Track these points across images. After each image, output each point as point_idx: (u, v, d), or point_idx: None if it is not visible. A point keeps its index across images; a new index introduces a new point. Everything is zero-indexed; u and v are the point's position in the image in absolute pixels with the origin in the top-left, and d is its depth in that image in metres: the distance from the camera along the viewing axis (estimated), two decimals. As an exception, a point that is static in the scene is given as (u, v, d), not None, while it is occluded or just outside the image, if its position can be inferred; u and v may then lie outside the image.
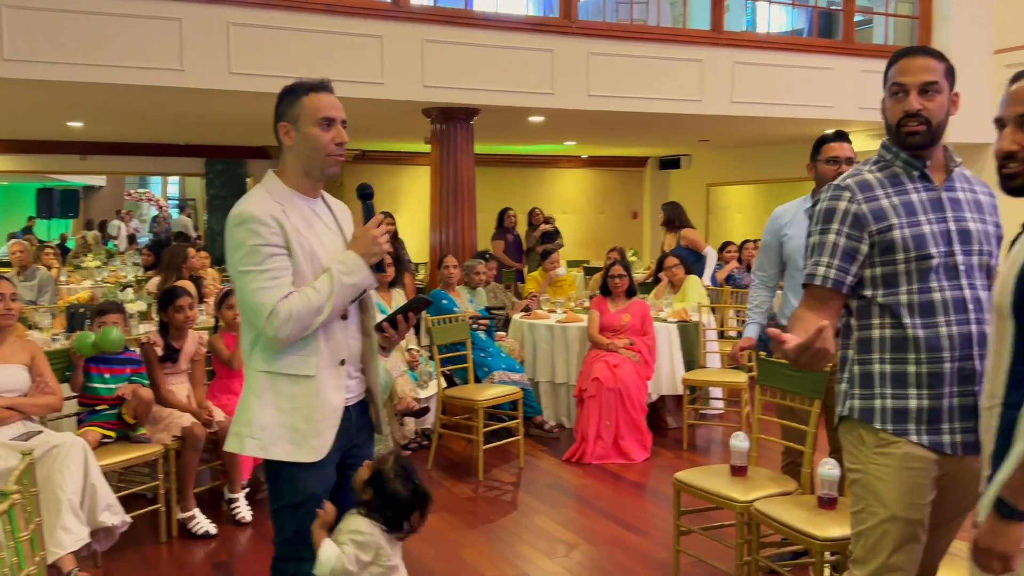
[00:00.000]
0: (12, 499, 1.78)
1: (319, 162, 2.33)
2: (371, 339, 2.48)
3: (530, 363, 6.52)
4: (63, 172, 12.79)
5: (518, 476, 5.32)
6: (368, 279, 2.34)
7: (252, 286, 2.22)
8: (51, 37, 6.27)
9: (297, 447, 2.29)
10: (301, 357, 2.30)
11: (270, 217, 2.24)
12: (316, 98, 2.33)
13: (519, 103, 8.01)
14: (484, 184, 13.75)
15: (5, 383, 3.63)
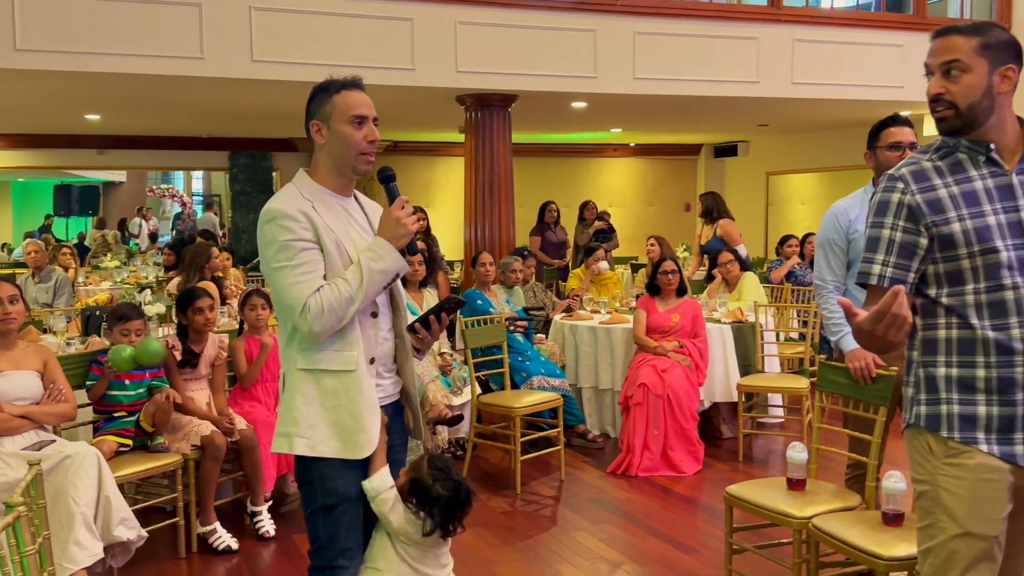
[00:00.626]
0: (17, 511, 1.82)
1: (351, 160, 2.45)
2: (404, 340, 2.57)
3: (572, 368, 6.51)
4: (80, 167, 13.10)
5: (558, 489, 5.31)
6: (398, 262, 2.42)
7: (285, 281, 2.34)
8: (64, 25, 6.41)
9: (345, 444, 2.39)
10: (340, 352, 2.40)
11: (300, 213, 2.36)
12: (348, 96, 2.44)
13: (560, 88, 8.01)
14: (522, 176, 13.78)
15: (16, 390, 3.72)
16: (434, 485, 2.49)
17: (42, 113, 9.59)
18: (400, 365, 2.58)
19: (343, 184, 2.50)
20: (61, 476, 3.47)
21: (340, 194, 2.50)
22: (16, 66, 6.39)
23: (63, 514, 3.41)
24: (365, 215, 2.57)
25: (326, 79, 2.52)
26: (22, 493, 2.01)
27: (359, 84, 2.49)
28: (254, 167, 12.73)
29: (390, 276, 2.41)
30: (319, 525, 2.46)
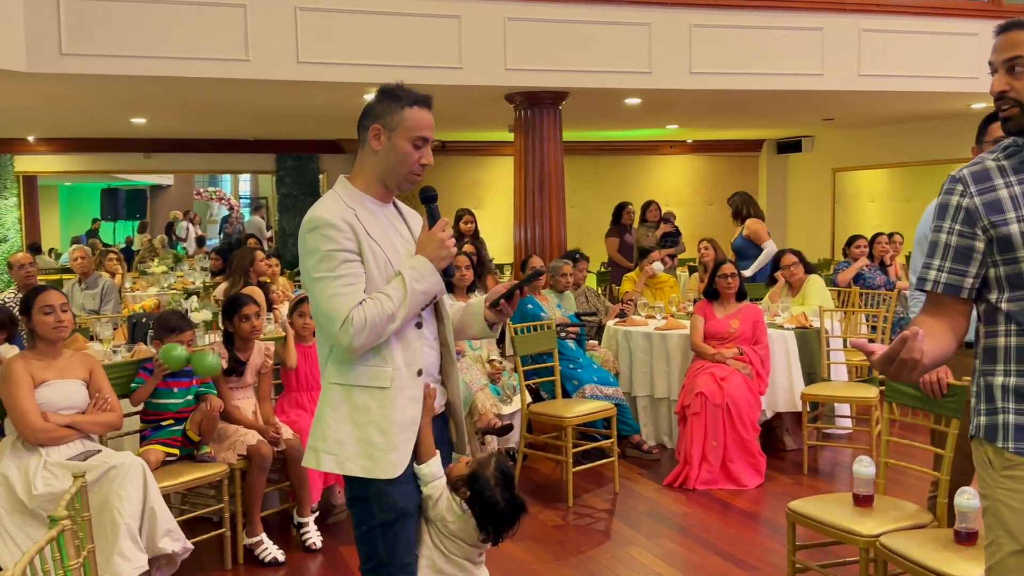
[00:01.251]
0: (61, 525, 1.87)
1: (400, 177, 2.48)
2: (449, 349, 2.61)
3: (626, 376, 6.48)
4: (127, 171, 13.42)
5: (612, 502, 5.30)
6: (438, 285, 2.47)
7: (326, 292, 2.36)
8: (109, 29, 6.59)
9: (374, 463, 2.41)
10: (375, 368, 2.43)
11: (343, 222, 2.38)
12: (419, 114, 2.45)
13: (613, 84, 8.00)
14: (574, 175, 13.81)
15: (62, 400, 3.82)
16: (494, 488, 2.51)
17: (88, 117, 9.85)
18: (445, 375, 2.61)
19: (385, 193, 2.53)
20: (106, 487, 3.57)
21: (381, 201, 2.52)
22: (62, 71, 6.58)
23: (108, 525, 3.50)
24: (405, 223, 2.60)
25: (397, 84, 2.51)
26: (67, 505, 2.06)
27: (430, 104, 2.50)
28: (301, 169, 12.91)
29: (429, 298, 2.46)
30: (377, 542, 2.46)
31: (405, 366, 2.45)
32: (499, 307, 2.57)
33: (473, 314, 2.63)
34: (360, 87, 7.71)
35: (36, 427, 3.67)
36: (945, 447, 3.32)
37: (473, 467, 2.54)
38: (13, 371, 3.72)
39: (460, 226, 8.71)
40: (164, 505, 3.71)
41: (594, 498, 5.36)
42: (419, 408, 2.47)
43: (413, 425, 2.45)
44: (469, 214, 8.77)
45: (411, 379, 2.46)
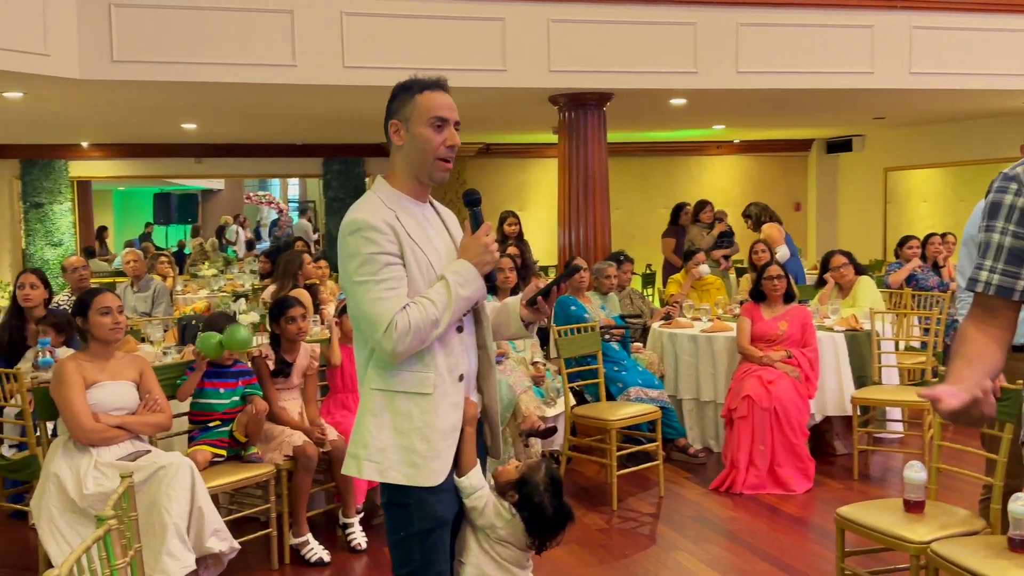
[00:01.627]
0: (108, 524, 1.90)
1: (428, 165, 2.41)
2: (488, 353, 2.57)
3: (672, 378, 6.43)
4: (178, 176, 13.67)
5: (657, 506, 5.26)
6: (481, 290, 2.43)
7: (369, 296, 2.31)
8: (159, 36, 6.71)
9: (416, 470, 2.36)
10: (417, 373, 2.38)
11: (385, 224, 2.33)
12: (430, 97, 2.40)
13: (657, 85, 7.96)
14: (619, 177, 13.74)
15: (113, 401, 3.89)
16: (543, 493, 2.50)
17: (140, 123, 10.04)
18: (482, 379, 2.57)
19: (421, 190, 2.48)
20: (155, 487, 3.62)
21: (418, 200, 2.48)
22: (113, 77, 6.72)
23: (156, 525, 3.55)
24: (443, 223, 2.55)
25: (410, 78, 2.49)
26: (114, 505, 2.10)
27: (443, 85, 2.46)
28: (347, 173, 13.03)
29: (472, 303, 2.42)
30: (414, 549, 2.43)
31: (447, 371, 2.41)
32: (536, 305, 2.51)
33: (510, 313, 2.57)
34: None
35: (87, 427, 3.74)
36: (998, 452, 3.24)
37: (523, 471, 2.53)
38: (65, 372, 3.80)
39: (504, 228, 8.72)
40: (212, 505, 3.76)
41: (639, 502, 5.33)
42: (460, 414, 2.43)
43: (455, 431, 2.41)
44: (513, 216, 8.78)
45: (453, 384, 2.42)
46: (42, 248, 12.36)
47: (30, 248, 12.32)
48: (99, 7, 6.61)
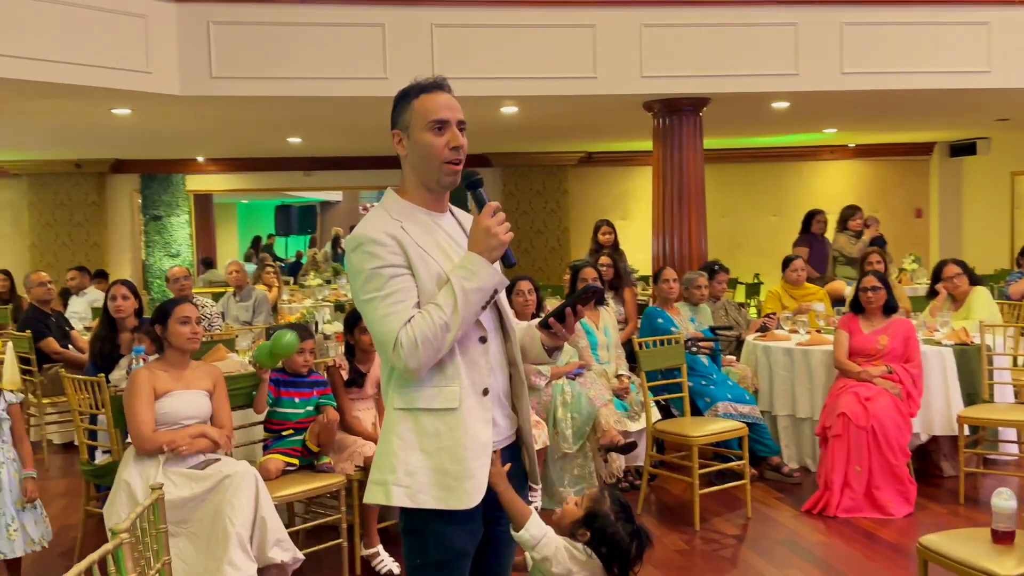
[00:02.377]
0: (119, 539, 1.89)
1: (434, 171, 2.29)
2: (519, 370, 2.41)
3: (766, 393, 6.17)
4: (288, 189, 14.04)
5: (744, 528, 5.03)
6: (494, 277, 2.24)
7: (376, 314, 2.21)
8: (255, 52, 6.89)
9: (449, 492, 2.22)
10: (440, 388, 2.25)
11: (387, 236, 2.22)
12: (428, 99, 2.29)
13: (757, 88, 7.71)
14: (725, 183, 13.44)
15: (185, 410, 3.96)
16: (616, 523, 2.36)
17: (249, 137, 10.36)
18: (515, 397, 2.41)
19: (434, 199, 2.35)
20: (220, 496, 3.66)
21: (433, 210, 2.35)
22: (211, 93, 6.92)
23: (219, 534, 3.59)
24: (463, 231, 2.40)
25: (409, 84, 2.36)
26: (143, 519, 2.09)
27: (442, 85, 2.33)
28: (452, 184, 13.11)
29: (487, 294, 2.23)
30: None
31: (471, 385, 2.27)
32: (551, 328, 2.34)
33: (532, 336, 2.41)
34: (497, 100, 7.74)
35: (144, 437, 3.81)
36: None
37: (588, 506, 2.39)
38: (135, 381, 3.89)
39: (599, 237, 8.59)
40: (275, 515, 3.77)
41: (724, 522, 5.11)
42: (490, 431, 2.29)
43: (486, 449, 2.27)
44: (607, 225, 8.64)
45: (477, 399, 2.27)
46: (160, 259, 12.89)
47: (149, 259, 12.87)
48: (198, 25, 6.83)
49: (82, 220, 12.79)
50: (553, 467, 5.32)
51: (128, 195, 13.04)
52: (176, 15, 6.84)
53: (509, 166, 13.08)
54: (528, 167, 13.09)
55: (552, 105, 7.92)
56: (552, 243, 13.24)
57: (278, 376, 4.46)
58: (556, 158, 13.02)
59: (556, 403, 5.32)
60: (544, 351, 2.40)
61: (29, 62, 6.22)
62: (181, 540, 3.68)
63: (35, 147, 11.09)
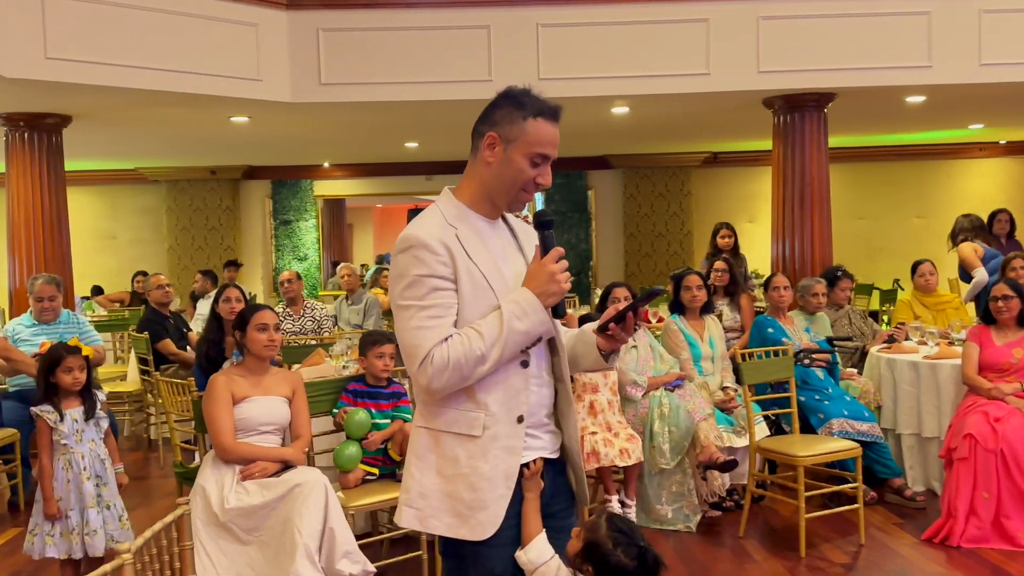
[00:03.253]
0: (120, 559, 1.83)
1: (510, 195, 2.23)
2: (565, 385, 2.30)
3: (890, 410, 5.74)
4: (410, 193, 14.14)
5: (854, 556, 4.65)
6: (543, 325, 2.15)
7: (411, 324, 2.12)
8: (362, 58, 6.93)
9: (460, 521, 2.15)
10: (466, 413, 2.16)
11: (440, 243, 2.14)
12: (543, 127, 2.19)
13: (887, 81, 7.24)
14: (862, 184, 12.74)
15: (263, 416, 3.95)
16: (615, 551, 2.18)
17: (368, 143, 10.50)
18: (561, 414, 2.30)
19: (492, 210, 2.28)
20: (289, 505, 3.62)
21: (489, 217, 2.27)
22: (320, 99, 7.01)
23: (288, 543, 3.54)
24: (516, 240, 2.32)
25: (523, 89, 2.24)
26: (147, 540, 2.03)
27: (558, 116, 2.22)
28: (569, 187, 12.96)
29: (532, 339, 2.14)
30: None
31: (503, 411, 2.15)
32: (609, 332, 2.20)
33: (587, 343, 2.28)
34: (607, 100, 7.54)
35: (225, 445, 3.82)
36: None
37: (584, 536, 2.22)
38: (214, 387, 3.90)
39: (718, 241, 8.26)
40: (345, 526, 3.70)
41: (833, 549, 4.74)
42: (516, 461, 2.17)
43: (508, 480, 2.15)
44: (727, 228, 8.29)
45: (509, 426, 2.16)
46: (289, 262, 13.24)
47: (279, 263, 13.25)
48: (308, 32, 6.92)
49: (216, 224, 13.28)
50: (650, 483, 5.08)
51: (260, 200, 13.46)
52: (287, 23, 6.96)
53: (630, 168, 12.80)
54: (650, 168, 12.77)
55: (665, 104, 7.65)
56: (674, 247, 12.88)
57: (356, 387, 4.41)
58: (679, 159, 12.66)
59: (653, 416, 5.08)
60: (601, 356, 2.28)
61: (148, 72, 6.44)
62: (252, 548, 3.67)
63: (172, 155, 11.58)
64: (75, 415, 3.98)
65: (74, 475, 3.90)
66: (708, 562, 4.59)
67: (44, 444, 3.93)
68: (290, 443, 4.07)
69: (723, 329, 6.61)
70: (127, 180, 13.20)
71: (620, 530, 2.20)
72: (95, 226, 13.21)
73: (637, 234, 12.87)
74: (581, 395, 4.83)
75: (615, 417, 4.87)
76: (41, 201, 7.36)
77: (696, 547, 4.80)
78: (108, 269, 12.87)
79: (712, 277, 6.82)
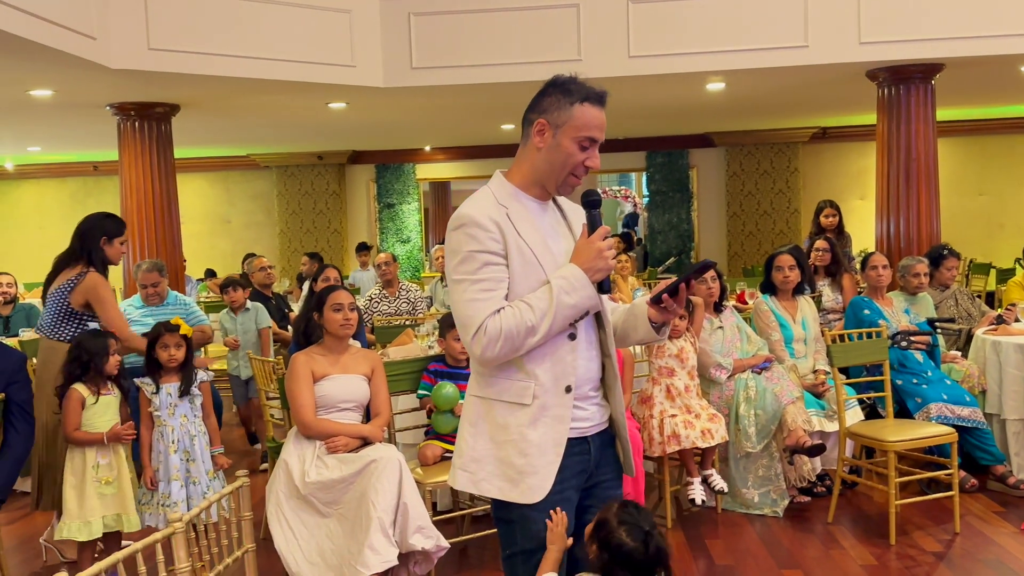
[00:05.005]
0: (172, 528, 1.93)
1: (559, 178, 2.31)
2: (612, 360, 2.38)
3: (995, 394, 5.48)
4: (510, 175, 14.27)
5: (948, 544, 4.48)
6: (591, 300, 2.23)
7: (464, 296, 2.23)
8: (452, 41, 7.00)
9: (512, 485, 2.27)
10: (517, 382, 2.27)
11: (491, 221, 2.24)
12: (589, 112, 2.27)
13: (1000, 50, 6.88)
14: (982, 158, 12.13)
15: (342, 393, 4.06)
16: (619, 528, 2.21)
17: (464, 126, 10.60)
18: (608, 389, 2.38)
19: (542, 193, 2.35)
20: (365, 480, 3.72)
21: (539, 199, 2.35)
22: (412, 83, 7.10)
23: (363, 518, 3.65)
24: (565, 220, 2.40)
25: (570, 77, 2.34)
26: (203, 510, 2.13)
27: (603, 100, 2.30)
28: (671, 166, 12.79)
29: (579, 312, 2.22)
30: (519, 570, 2.35)
31: (552, 381, 2.25)
32: (663, 304, 2.27)
33: (638, 315, 2.36)
34: (700, 76, 7.41)
35: (306, 421, 3.94)
36: None
37: (599, 514, 2.27)
38: (295, 366, 4.03)
39: (821, 220, 8.00)
40: (419, 501, 3.78)
41: (926, 537, 4.58)
42: (566, 428, 2.26)
43: (557, 447, 2.25)
44: (831, 207, 8.01)
45: (557, 396, 2.25)
46: (393, 245, 13.52)
47: (383, 245, 13.54)
48: (399, 17, 7.03)
49: (324, 208, 13.66)
50: (736, 467, 5.01)
51: (365, 184, 13.78)
52: (379, 8, 7.08)
53: (734, 145, 12.54)
54: (754, 145, 12.49)
55: (762, 79, 7.45)
56: (780, 225, 12.57)
57: (437, 367, 4.49)
58: (785, 135, 12.33)
59: (739, 399, 4.99)
60: (652, 329, 2.35)
61: (245, 60, 6.67)
62: (331, 521, 3.78)
63: (280, 141, 11.96)
64: (170, 389, 4.17)
65: (164, 447, 4.10)
66: (793, 548, 4.50)
67: (144, 415, 4.15)
68: (370, 421, 4.17)
69: (824, 311, 6.44)
70: (240, 166, 13.72)
71: (628, 512, 2.24)
72: (211, 210, 13.78)
73: (740, 213, 12.62)
74: (657, 379, 4.79)
75: (695, 400, 4.80)
76: (152, 188, 7.72)
77: (782, 532, 4.71)
78: (223, 252, 13.42)
79: (813, 257, 6.64)
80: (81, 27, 5.90)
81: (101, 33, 6.12)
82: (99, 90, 7.10)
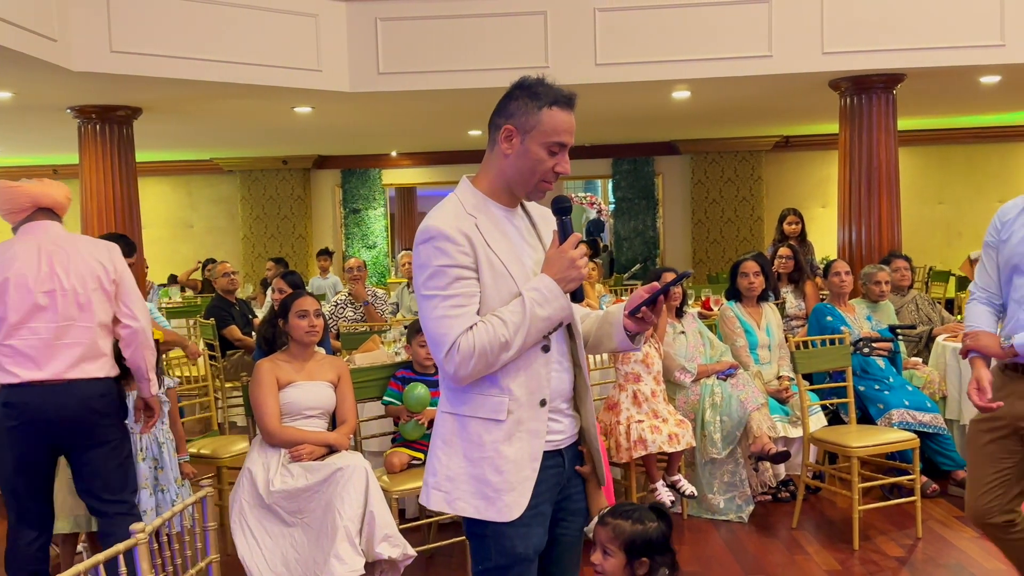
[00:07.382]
0: (135, 539, 1.89)
1: (529, 185, 2.25)
2: (583, 371, 2.35)
3: (955, 400, 5.57)
4: (477, 181, 14.28)
5: (910, 549, 4.54)
6: (564, 311, 2.19)
7: (435, 313, 2.17)
8: (419, 47, 6.98)
9: (488, 503, 2.21)
10: (490, 398, 2.21)
11: (460, 234, 2.18)
12: (558, 116, 2.21)
13: (960, 61, 6.99)
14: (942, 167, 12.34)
15: (307, 400, 4.03)
16: (647, 527, 2.30)
17: (431, 132, 10.58)
18: (578, 399, 2.35)
19: (511, 199, 2.30)
20: (331, 489, 3.69)
21: (507, 205, 2.30)
22: (378, 89, 7.07)
23: (329, 526, 3.61)
24: (533, 226, 2.35)
25: (537, 79, 2.28)
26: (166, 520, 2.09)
27: (572, 104, 2.25)
28: (636, 173, 12.85)
29: (553, 324, 2.19)
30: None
31: (527, 396, 2.21)
32: (640, 315, 2.24)
33: (612, 324, 2.31)
34: (667, 85, 7.45)
35: (270, 429, 3.90)
36: None
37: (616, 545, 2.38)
38: (260, 373, 3.99)
39: (784, 227, 8.10)
40: (386, 510, 3.75)
41: (889, 542, 4.63)
42: (541, 442, 2.23)
43: (533, 462, 2.22)
44: (794, 214, 8.12)
45: (532, 410, 2.22)
46: (358, 250, 13.44)
47: (348, 251, 13.46)
48: (366, 22, 7.00)
49: (288, 213, 13.56)
50: (702, 472, 5.03)
51: (330, 189, 13.70)
52: (345, 13, 7.04)
53: (698, 153, 12.64)
54: (718, 153, 12.60)
55: (726, 88, 7.52)
56: (744, 233, 12.68)
57: (404, 374, 4.46)
58: (749, 143, 12.45)
59: (704, 405, 5.02)
60: (627, 338, 2.31)
61: (210, 64, 6.60)
62: (296, 530, 3.75)
63: (244, 145, 11.85)
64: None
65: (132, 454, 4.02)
66: (759, 553, 4.53)
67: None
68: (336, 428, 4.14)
69: (788, 317, 6.50)
70: (203, 170, 13.57)
71: (629, 507, 2.30)
72: (173, 215, 13.62)
73: (705, 220, 12.71)
74: (624, 385, 4.79)
75: (662, 405, 4.81)
76: (113, 192, 7.62)
77: (748, 538, 4.74)
78: (185, 257, 13.26)
79: (776, 264, 6.71)
80: (42, 29, 5.81)
81: (62, 35, 6.04)
82: (60, 93, 7.00)
